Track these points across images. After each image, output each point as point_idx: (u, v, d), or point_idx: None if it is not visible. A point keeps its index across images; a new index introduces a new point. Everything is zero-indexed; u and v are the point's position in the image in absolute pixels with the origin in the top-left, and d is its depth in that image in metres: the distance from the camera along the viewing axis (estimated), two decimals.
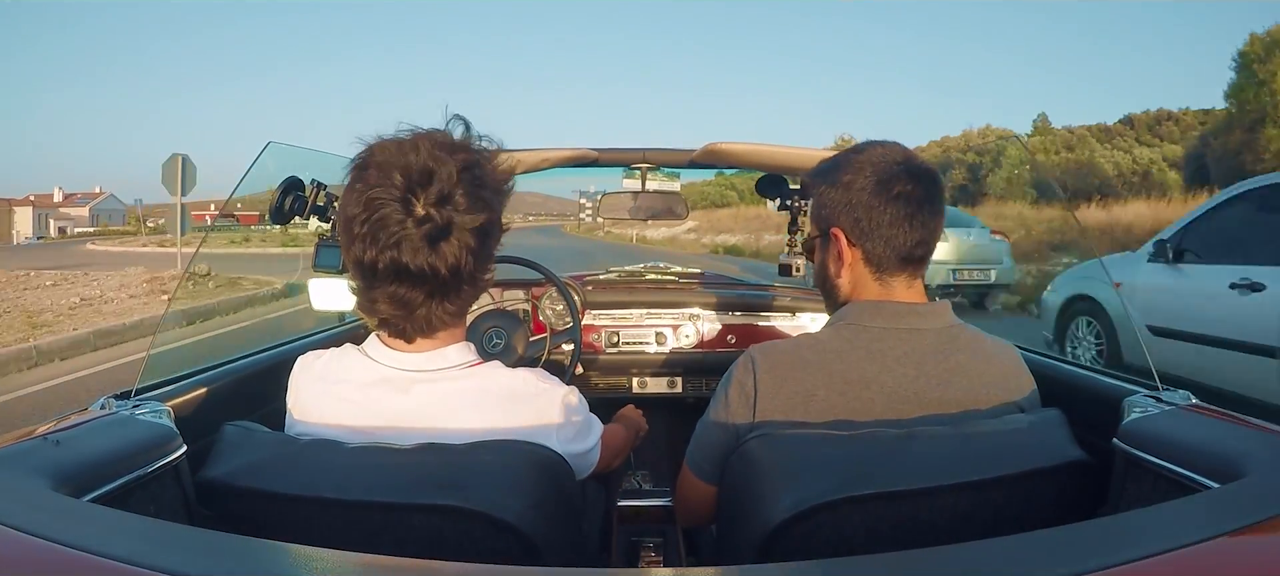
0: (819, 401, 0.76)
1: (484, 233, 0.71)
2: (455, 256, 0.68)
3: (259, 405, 1.01)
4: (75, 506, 0.57)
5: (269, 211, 1.23)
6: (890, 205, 0.79)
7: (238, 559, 0.46)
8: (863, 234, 0.81)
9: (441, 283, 0.69)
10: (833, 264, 0.84)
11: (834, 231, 0.83)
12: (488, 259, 0.73)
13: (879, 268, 0.81)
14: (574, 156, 1.58)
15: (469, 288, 0.73)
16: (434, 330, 0.74)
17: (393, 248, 0.66)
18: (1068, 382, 0.99)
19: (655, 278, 1.98)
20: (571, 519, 0.76)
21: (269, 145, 1.09)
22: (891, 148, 0.83)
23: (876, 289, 0.82)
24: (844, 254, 0.82)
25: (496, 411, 0.74)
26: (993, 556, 0.46)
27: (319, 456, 0.69)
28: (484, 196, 0.70)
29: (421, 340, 0.74)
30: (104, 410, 0.79)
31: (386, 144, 0.70)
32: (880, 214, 0.79)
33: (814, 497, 0.64)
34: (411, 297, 0.70)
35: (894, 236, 0.80)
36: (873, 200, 0.79)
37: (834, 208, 0.83)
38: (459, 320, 0.77)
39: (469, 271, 0.70)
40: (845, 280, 0.84)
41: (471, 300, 0.76)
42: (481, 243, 0.70)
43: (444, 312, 0.73)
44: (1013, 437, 0.73)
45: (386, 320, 0.73)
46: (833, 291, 0.86)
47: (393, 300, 0.70)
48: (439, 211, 0.67)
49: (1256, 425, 0.71)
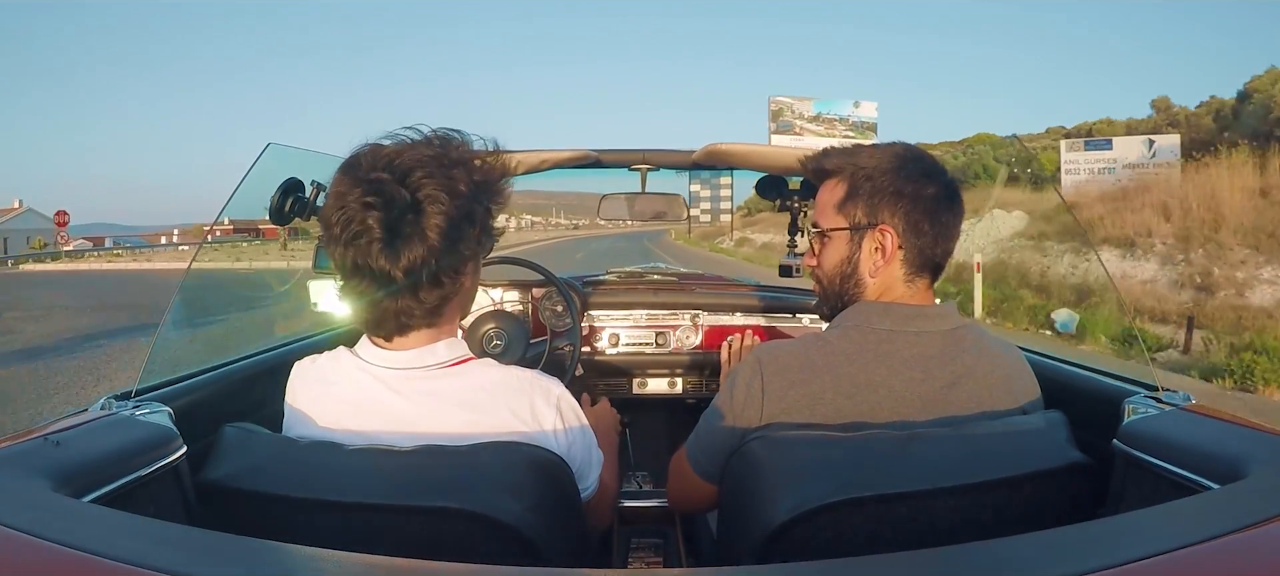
0: (826, 404, 0.75)
1: (452, 231, 0.70)
2: (416, 256, 0.68)
3: (259, 406, 1.01)
4: (75, 507, 0.57)
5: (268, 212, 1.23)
6: (943, 212, 0.80)
7: (238, 559, 0.46)
8: (916, 235, 0.80)
9: (407, 282, 0.69)
10: (870, 260, 0.81)
11: (884, 227, 0.80)
12: (462, 256, 0.72)
13: (914, 271, 0.81)
14: (575, 157, 1.58)
15: (440, 287, 0.72)
16: (407, 329, 0.74)
17: (353, 245, 0.68)
18: (1068, 383, 0.98)
19: (656, 279, 1.98)
20: (571, 519, 0.76)
21: (269, 146, 1.09)
22: (921, 150, 0.83)
23: (903, 291, 0.81)
24: (889, 253, 0.80)
25: (488, 407, 0.74)
26: (993, 557, 0.46)
27: (319, 458, 0.70)
28: (458, 196, 0.70)
29: (399, 339, 0.75)
30: (104, 410, 0.79)
31: (367, 145, 0.72)
32: (933, 219, 0.79)
33: (815, 499, 0.64)
34: (378, 297, 0.70)
35: (939, 243, 0.80)
36: (930, 204, 0.79)
37: (885, 201, 0.80)
38: (438, 318, 0.75)
39: (432, 270, 0.70)
40: (879, 280, 0.81)
41: (450, 296, 0.74)
42: (450, 241, 0.70)
43: (420, 311, 0.72)
44: (1013, 440, 0.73)
45: (363, 320, 0.74)
46: (856, 289, 0.83)
47: (364, 299, 0.71)
48: (404, 211, 0.68)
49: (1256, 425, 0.71)
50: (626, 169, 1.70)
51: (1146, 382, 0.88)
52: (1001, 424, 0.76)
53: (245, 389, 1.04)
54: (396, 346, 0.75)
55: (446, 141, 0.74)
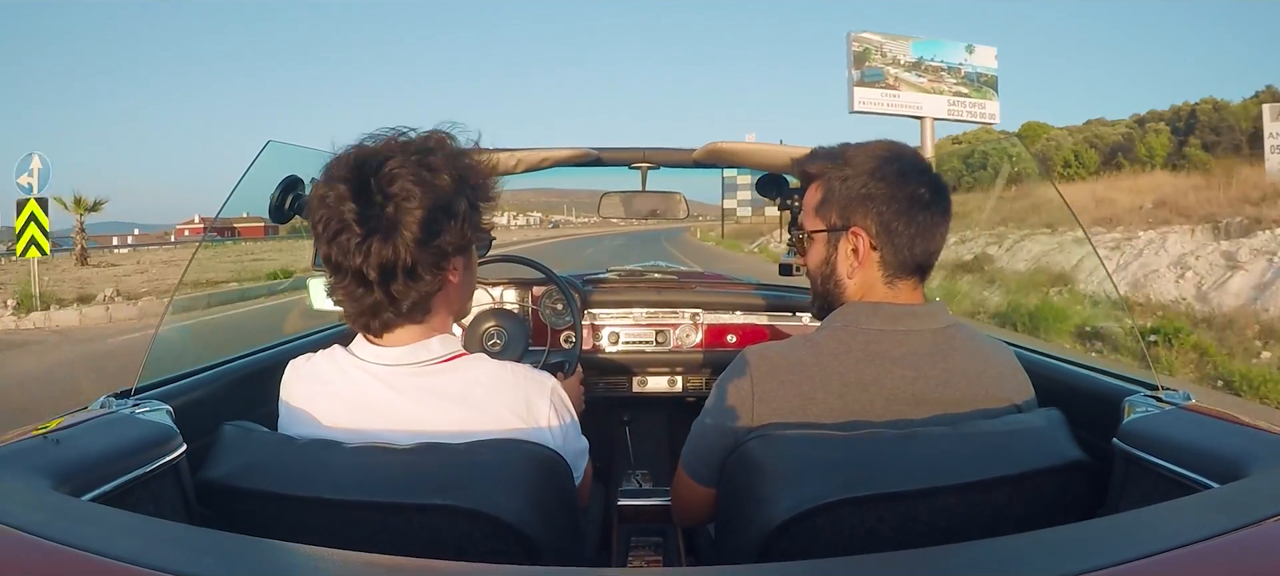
0: (817, 404, 0.75)
1: (429, 225, 0.69)
2: (389, 252, 0.68)
3: (259, 404, 1.01)
4: (75, 506, 0.57)
5: (268, 210, 1.22)
6: (919, 212, 0.79)
7: (238, 559, 0.46)
8: (889, 236, 0.79)
9: (381, 279, 0.69)
10: (845, 262, 0.82)
11: (856, 230, 0.80)
12: (441, 252, 0.71)
13: (894, 272, 0.80)
14: (575, 156, 1.58)
15: (419, 282, 0.71)
16: (391, 325, 0.74)
17: (334, 243, 0.69)
18: (1068, 382, 0.98)
19: (656, 277, 1.98)
20: (570, 518, 0.76)
21: (269, 144, 1.09)
22: (906, 149, 0.82)
23: (885, 292, 0.81)
24: (863, 255, 0.80)
25: (482, 402, 0.74)
26: (993, 556, 0.46)
27: (318, 456, 0.70)
28: (434, 190, 0.70)
29: (387, 336, 0.75)
30: (104, 409, 0.79)
31: (351, 146, 0.73)
32: (908, 220, 0.78)
33: (814, 499, 0.65)
34: (360, 293, 0.71)
35: (917, 244, 0.79)
36: (903, 205, 0.78)
37: (857, 204, 0.80)
38: (424, 314, 0.75)
39: (407, 266, 0.69)
40: (856, 282, 0.82)
41: (432, 292, 0.73)
42: (426, 236, 0.69)
43: (398, 307, 0.72)
44: (1012, 438, 0.73)
45: (350, 317, 0.74)
46: (836, 291, 0.84)
47: (348, 295, 0.72)
48: (377, 207, 0.68)
49: (1256, 425, 0.71)
50: (627, 167, 1.70)
51: (1147, 381, 0.88)
52: (1001, 422, 0.75)
53: (245, 387, 1.04)
54: (387, 343, 0.75)
55: (428, 138, 0.74)
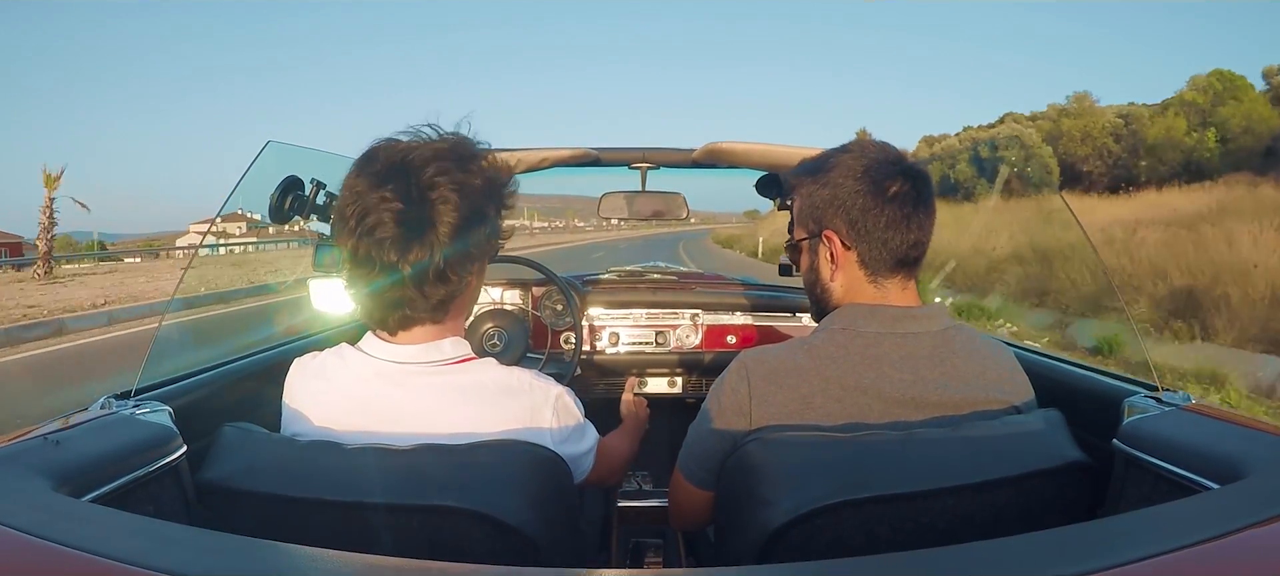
0: (815, 408, 0.75)
1: (463, 229, 0.71)
2: (425, 252, 0.69)
3: (259, 405, 1.01)
4: (75, 506, 0.56)
5: (268, 210, 1.22)
6: (887, 206, 0.78)
7: (238, 559, 0.46)
8: (859, 236, 0.79)
9: (413, 276, 0.70)
10: (825, 266, 0.83)
11: (827, 233, 0.81)
12: (469, 255, 0.73)
13: (875, 270, 0.80)
14: (575, 156, 1.58)
15: (447, 283, 0.73)
16: (411, 323, 0.75)
17: (367, 237, 0.69)
18: (1067, 383, 0.98)
19: (655, 278, 1.98)
20: (570, 519, 0.76)
21: (268, 144, 1.09)
22: (882, 146, 0.82)
23: (871, 292, 0.81)
24: (838, 256, 0.81)
25: (489, 406, 0.75)
26: (992, 557, 0.46)
27: (319, 457, 0.70)
28: (469, 193, 0.71)
29: (403, 333, 0.75)
30: (104, 410, 0.79)
31: (383, 140, 0.74)
32: (877, 215, 0.78)
33: (813, 501, 0.64)
34: (383, 288, 0.71)
35: (891, 238, 0.79)
36: (868, 201, 0.78)
37: (827, 208, 0.81)
38: (442, 314, 0.76)
39: (439, 267, 0.71)
40: (839, 284, 0.83)
41: (455, 294, 0.75)
42: (460, 239, 0.71)
43: (424, 306, 0.73)
44: (1012, 439, 0.73)
45: (368, 311, 0.75)
46: (825, 295, 0.85)
47: (369, 290, 0.72)
48: (416, 206, 0.69)
49: (1257, 425, 0.71)
50: (626, 167, 1.71)
51: (1147, 382, 0.88)
52: (1000, 423, 0.75)
53: (245, 388, 1.04)
54: (401, 341, 0.76)
55: (462, 143, 0.75)
